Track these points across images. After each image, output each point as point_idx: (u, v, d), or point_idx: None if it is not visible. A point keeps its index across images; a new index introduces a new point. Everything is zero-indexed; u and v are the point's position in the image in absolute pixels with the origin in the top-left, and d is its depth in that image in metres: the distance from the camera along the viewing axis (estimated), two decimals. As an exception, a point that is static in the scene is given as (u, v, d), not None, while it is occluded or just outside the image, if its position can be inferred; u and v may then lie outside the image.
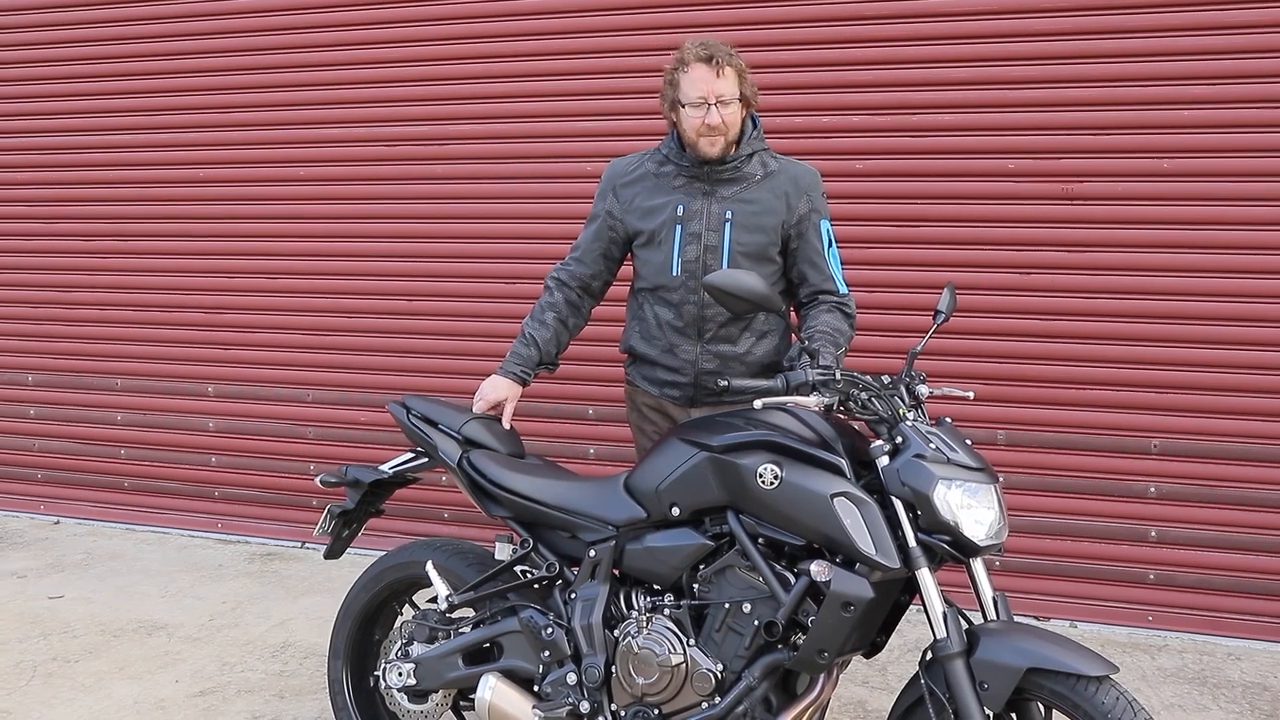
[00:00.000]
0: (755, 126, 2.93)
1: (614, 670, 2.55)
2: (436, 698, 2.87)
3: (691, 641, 2.48)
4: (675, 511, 2.51)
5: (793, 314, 3.04)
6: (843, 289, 2.90)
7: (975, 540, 2.23)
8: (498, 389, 2.93)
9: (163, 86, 5.08)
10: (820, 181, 2.95)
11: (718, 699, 2.44)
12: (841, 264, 2.94)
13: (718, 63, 2.78)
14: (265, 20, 4.90)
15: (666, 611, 2.52)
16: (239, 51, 4.95)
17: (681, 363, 2.91)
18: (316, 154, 4.88)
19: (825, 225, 2.91)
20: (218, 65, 4.99)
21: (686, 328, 2.89)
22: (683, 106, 2.82)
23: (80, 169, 5.27)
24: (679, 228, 2.87)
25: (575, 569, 2.68)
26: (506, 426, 2.93)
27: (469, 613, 2.85)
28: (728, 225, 2.84)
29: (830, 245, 2.91)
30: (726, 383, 2.43)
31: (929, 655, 2.27)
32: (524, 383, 2.97)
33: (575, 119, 4.50)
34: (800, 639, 2.34)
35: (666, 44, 2.93)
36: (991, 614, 2.29)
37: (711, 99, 2.77)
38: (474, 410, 2.91)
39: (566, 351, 3.09)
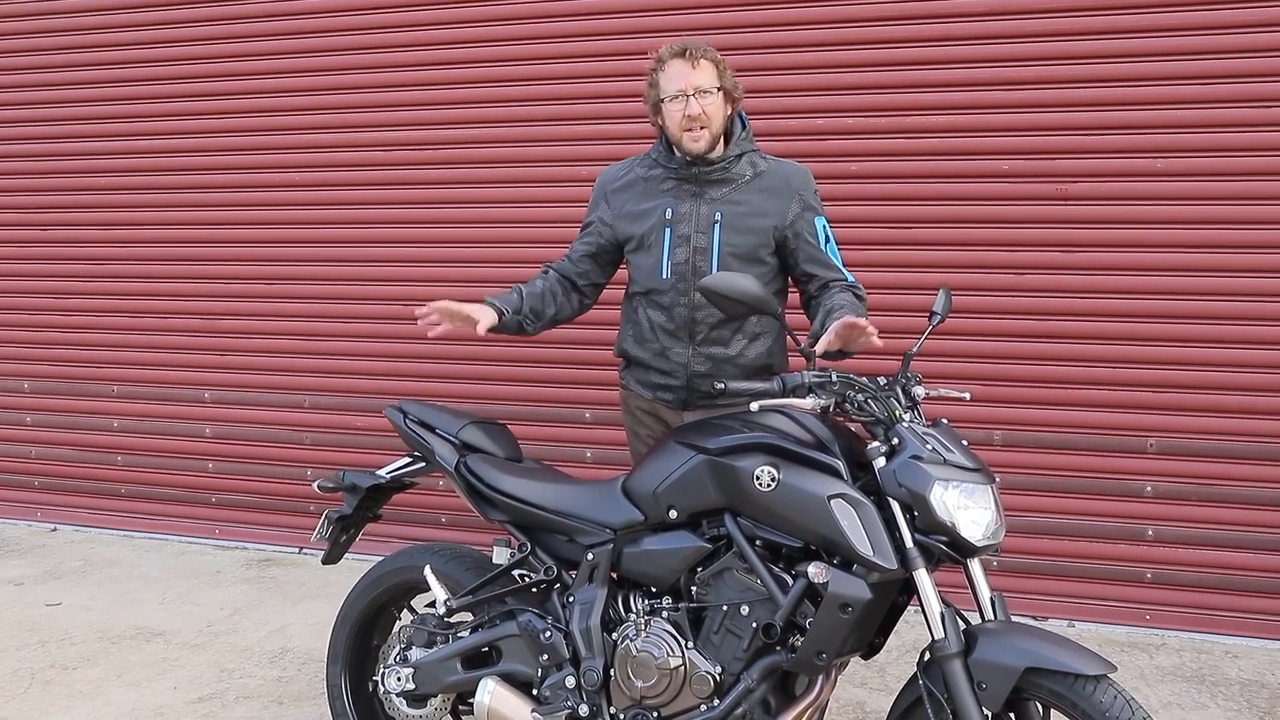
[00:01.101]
0: (744, 127, 2.93)
1: (612, 673, 2.56)
2: (435, 702, 2.87)
3: (690, 644, 2.48)
4: (673, 514, 2.52)
5: (785, 316, 3.03)
6: (850, 278, 2.91)
7: (972, 541, 2.23)
8: (473, 308, 2.88)
9: (158, 92, 5.08)
10: (812, 180, 2.95)
11: (716, 701, 2.44)
12: (842, 259, 2.94)
13: (691, 55, 2.81)
14: (261, 26, 4.90)
15: (665, 614, 2.53)
16: (233, 58, 4.95)
17: (674, 365, 2.91)
18: (311, 159, 4.88)
19: (821, 222, 2.91)
20: (212, 71, 4.99)
21: (678, 330, 2.89)
22: (664, 104, 2.83)
23: (75, 175, 5.26)
24: (668, 230, 2.87)
25: (573, 572, 2.68)
26: (481, 332, 2.85)
27: (467, 617, 2.85)
28: (717, 227, 2.84)
29: (828, 241, 2.91)
30: (723, 385, 2.43)
31: (927, 656, 2.28)
32: (500, 316, 2.91)
33: (570, 123, 4.50)
34: (798, 641, 2.34)
35: (659, 49, 2.96)
36: (989, 614, 2.29)
37: (690, 90, 2.79)
38: (434, 309, 2.84)
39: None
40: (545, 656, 2.64)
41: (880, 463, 2.30)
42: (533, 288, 3.02)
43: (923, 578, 2.25)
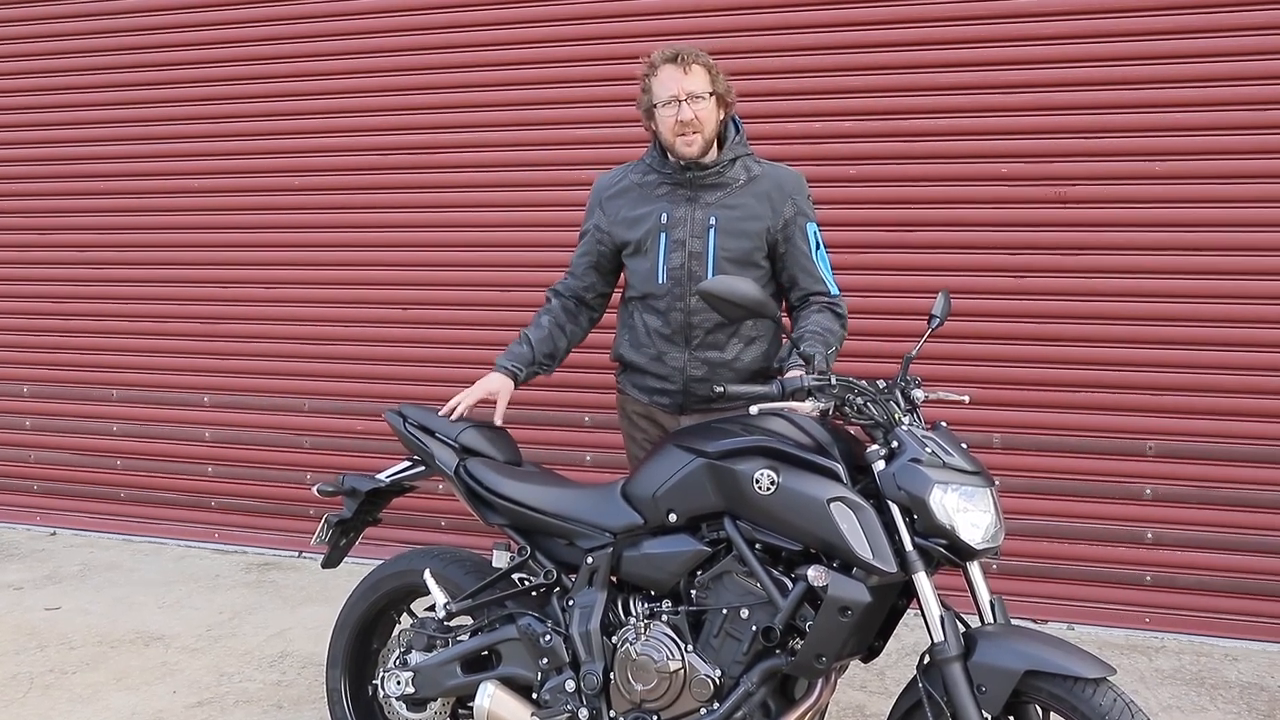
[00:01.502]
0: (738, 131, 2.93)
1: (612, 677, 2.55)
2: (435, 706, 2.86)
3: (689, 647, 2.48)
4: (672, 518, 2.52)
5: (785, 318, 3.04)
6: (834, 290, 2.91)
7: (972, 543, 2.23)
8: (490, 383, 2.94)
9: (158, 97, 5.09)
10: (805, 185, 2.95)
11: (716, 705, 2.44)
12: (831, 267, 2.95)
13: (683, 60, 2.81)
14: (260, 30, 4.91)
15: (664, 618, 2.53)
16: (234, 61, 4.96)
17: (670, 370, 2.91)
18: (311, 164, 4.88)
19: (812, 228, 2.91)
20: (212, 75, 5.00)
21: (674, 335, 2.89)
22: (657, 109, 2.84)
23: (75, 179, 5.27)
24: (663, 235, 2.87)
25: (573, 576, 2.68)
26: (498, 422, 2.92)
27: (467, 621, 2.85)
28: (711, 231, 2.84)
29: (818, 248, 2.91)
30: (722, 389, 2.43)
31: (927, 659, 2.28)
32: (515, 378, 2.96)
33: (567, 128, 4.51)
34: (798, 644, 2.34)
35: (651, 52, 2.97)
36: (989, 617, 2.29)
37: (681, 95, 2.79)
38: (460, 402, 2.90)
39: (563, 359, 3.10)
40: (545, 660, 2.64)
41: (879, 466, 2.30)
42: (539, 330, 3.02)
43: (922, 581, 2.25)
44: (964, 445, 2.36)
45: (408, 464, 2.96)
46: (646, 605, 2.57)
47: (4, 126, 5.36)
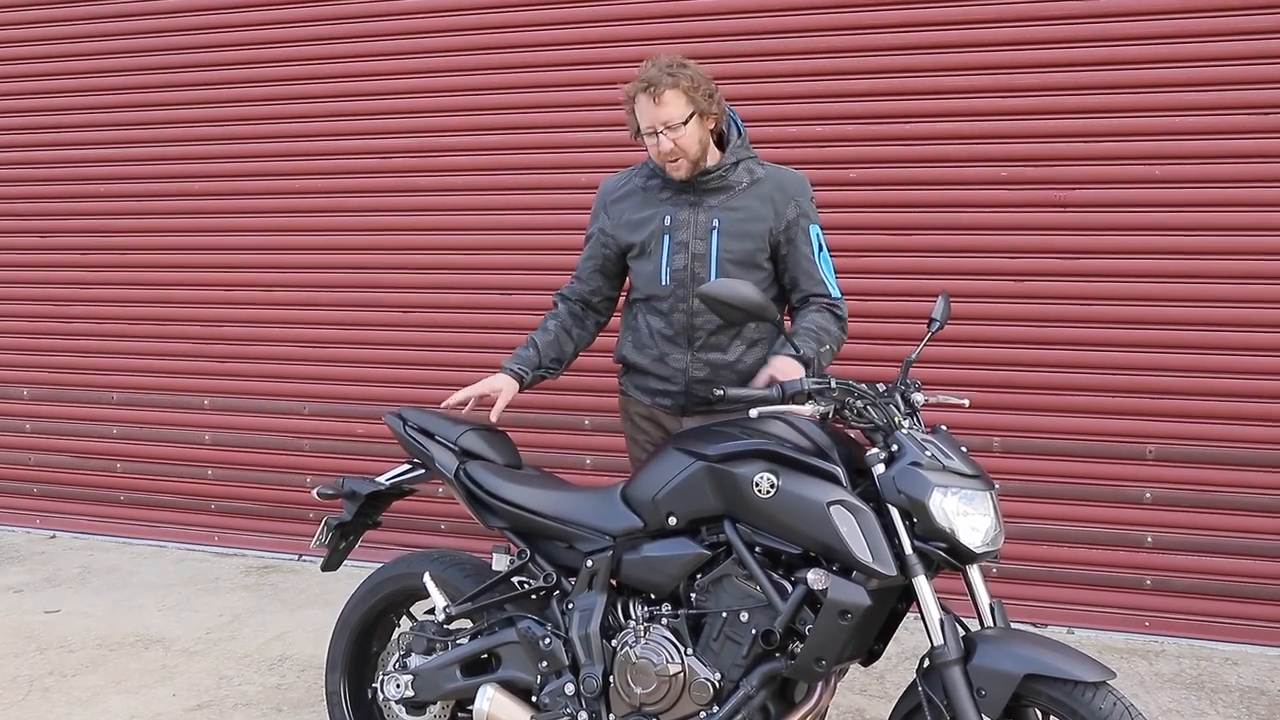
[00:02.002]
0: (740, 134, 2.93)
1: (612, 680, 2.55)
2: (434, 709, 2.87)
3: (689, 651, 2.48)
4: (672, 521, 2.52)
5: (787, 321, 3.04)
6: (834, 293, 2.91)
7: (971, 547, 2.23)
8: (493, 381, 2.95)
9: (160, 100, 5.09)
10: (808, 187, 2.95)
11: (716, 708, 2.44)
12: (834, 269, 2.95)
13: (653, 90, 2.76)
14: (259, 34, 4.91)
15: (664, 621, 2.53)
16: (234, 65, 4.96)
17: (672, 371, 2.92)
18: (310, 166, 4.88)
19: (815, 230, 2.92)
20: (212, 79, 4.99)
21: (677, 336, 2.90)
22: (643, 135, 2.85)
23: (76, 183, 5.27)
24: (666, 237, 2.88)
25: (573, 579, 2.68)
26: (494, 419, 2.92)
27: (466, 624, 2.85)
28: (714, 233, 2.85)
29: (821, 250, 2.91)
30: (722, 391, 2.44)
31: (926, 663, 2.28)
32: (520, 380, 2.97)
33: (569, 130, 4.51)
34: (798, 647, 2.34)
35: (658, 56, 2.97)
36: (989, 621, 2.29)
37: (658, 126, 2.78)
38: (461, 395, 2.91)
39: (570, 363, 3.10)
40: (544, 663, 2.64)
41: (879, 469, 2.30)
42: (546, 335, 3.03)
43: (922, 584, 2.25)
44: (964, 449, 2.36)
45: (407, 467, 2.97)
46: (646, 608, 2.57)
47: (3, 129, 5.36)
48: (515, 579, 2.77)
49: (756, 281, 2.81)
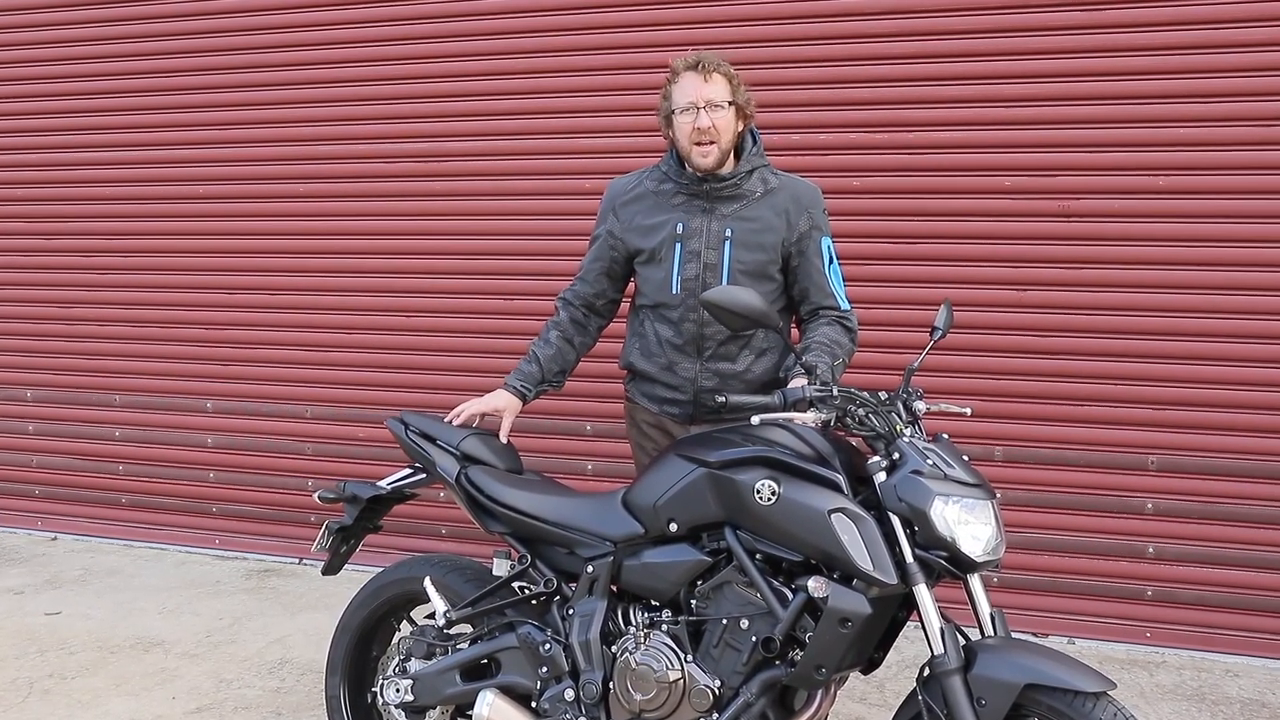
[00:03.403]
0: (755, 143, 2.93)
1: (612, 686, 2.55)
2: (434, 714, 2.86)
3: (689, 657, 2.48)
4: (673, 527, 2.51)
5: (794, 331, 3.04)
6: (844, 305, 2.92)
7: (972, 556, 2.23)
8: (497, 399, 2.95)
9: (163, 103, 5.10)
10: (821, 199, 2.96)
11: (715, 715, 2.43)
12: (844, 281, 2.96)
13: (704, 68, 2.81)
14: (261, 38, 4.92)
15: (664, 627, 2.52)
16: (234, 68, 4.97)
17: (681, 380, 2.91)
18: (315, 171, 4.89)
19: (826, 242, 2.92)
20: (213, 81, 5.01)
21: (686, 345, 2.89)
22: (675, 115, 2.84)
23: (79, 185, 5.28)
24: (678, 245, 2.87)
25: (573, 585, 2.68)
26: (503, 440, 2.93)
27: (467, 629, 2.85)
28: (727, 243, 2.85)
29: (831, 262, 2.92)
30: (724, 399, 2.44)
31: (926, 672, 2.27)
32: (523, 398, 2.97)
33: (572, 137, 4.52)
34: (798, 655, 2.34)
35: (667, 62, 2.95)
36: (989, 630, 2.29)
37: (700, 102, 2.79)
38: (466, 410, 2.92)
39: (573, 370, 3.10)
40: (544, 669, 2.64)
41: (881, 477, 2.29)
42: (548, 348, 3.02)
43: (923, 593, 2.24)
44: (965, 457, 2.36)
45: (409, 471, 2.97)
46: (646, 615, 2.56)
47: (6, 132, 5.38)
48: (516, 584, 2.77)
49: (767, 293, 2.82)
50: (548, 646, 2.63)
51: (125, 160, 5.19)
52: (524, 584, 2.76)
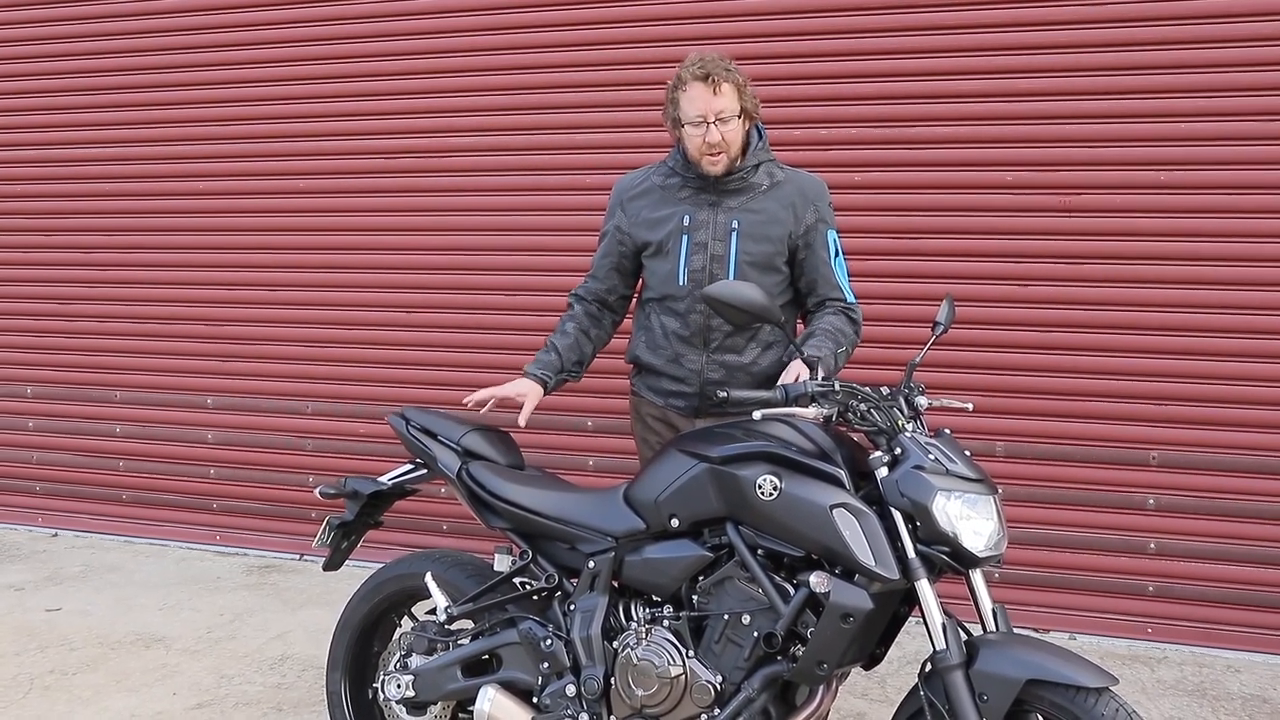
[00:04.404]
0: (761, 137, 2.93)
1: (613, 682, 2.55)
2: (435, 709, 2.86)
3: (691, 653, 2.48)
4: (674, 523, 2.51)
5: (800, 324, 3.04)
6: (850, 297, 2.92)
7: (974, 551, 2.23)
8: (520, 385, 2.93)
9: (164, 99, 5.10)
10: (827, 192, 2.96)
11: (717, 710, 2.43)
12: (849, 274, 2.96)
13: (714, 80, 2.77)
14: (265, 33, 4.92)
15: (666, 623, 2.52)
16: (239, 64, 4.97)
17: (687, 372, 2.91)
18: (315, 166, 4.89)
19: (832, 235, 2.93)
20: (217, 78, 5.00)
21: (692, 337, 2.89)
22: (683, 126, 2.83)
23: (80, 181, 5.28)
24: (685, 238, 2.87)
25: (574, 580, 2.67)
26: (522, 424, 2.92)
27: (468, 624, 2.84)
28: (734, 235, 2.85)
29: (837, 255, 2.93)
30: (726, 394, 2.43)
31: (928, 667, 2.27)
32: (545, 385, 2.96)
33: (576, 131, 4.51)
34: (799, 650, 2.34)
35: (669, 57, 2.95)
36: (991, 625, 2.29)
37: (710, 117, 2.78)
38: (480, 397, 2.90)
39: (589, 364, 3.10)
40: (546, 664, 2.64)
41: (883, 473, 2.29)
42: (566, 338, 3.01)
43: (924, 588, 2.24)
44: (967, 453, 2.36)
45: (410, 467, 2.97)
46: (648, 610, 2.56)
47: (7, 128, 5.37)
48: (517, 580, 2.77)
49: (773, 285, 2.82)
50: (549, 642, 2.63)
51: (127, 156, 5.18)
52: (525, 580, 2.76)
